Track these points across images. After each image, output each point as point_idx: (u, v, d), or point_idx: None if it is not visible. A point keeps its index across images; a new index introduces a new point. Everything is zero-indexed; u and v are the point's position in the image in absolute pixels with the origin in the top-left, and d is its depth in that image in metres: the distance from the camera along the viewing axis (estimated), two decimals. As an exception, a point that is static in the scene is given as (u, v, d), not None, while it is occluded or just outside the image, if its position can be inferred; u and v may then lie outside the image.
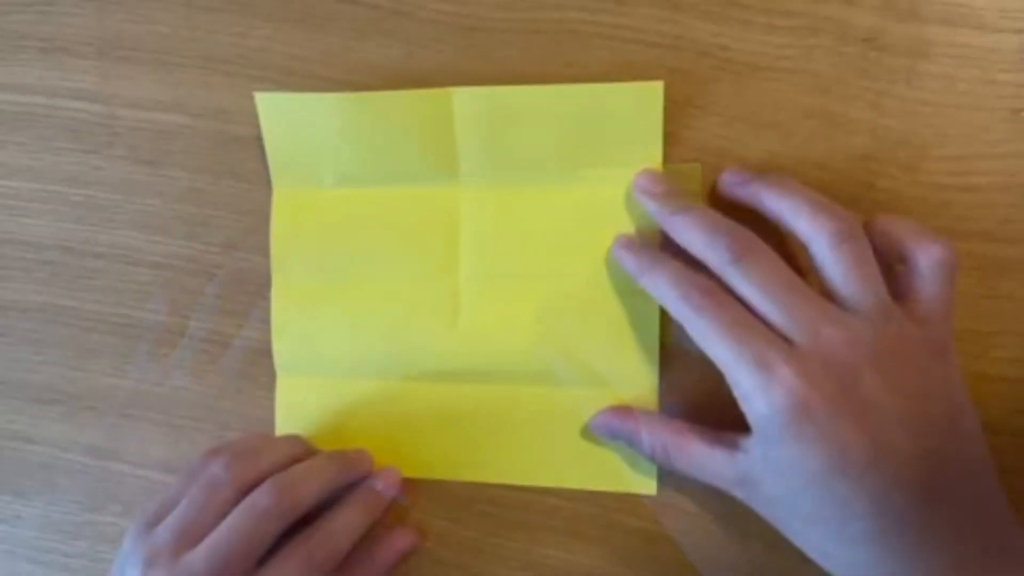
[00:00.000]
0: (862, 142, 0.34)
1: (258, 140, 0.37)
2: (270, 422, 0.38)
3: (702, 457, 0.31)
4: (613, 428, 0.34)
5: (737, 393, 0.29)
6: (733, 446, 0.30)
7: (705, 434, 0.32)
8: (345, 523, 0.33)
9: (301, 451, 0.35)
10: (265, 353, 0.38)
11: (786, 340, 0.28)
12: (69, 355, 0.39)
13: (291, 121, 0.36)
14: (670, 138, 0.34)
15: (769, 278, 0.29)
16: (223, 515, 0.31)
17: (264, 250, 0.38)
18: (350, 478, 0.35)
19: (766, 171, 0.33)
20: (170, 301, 0.38)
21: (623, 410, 0.34)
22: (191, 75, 0.38)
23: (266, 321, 0.38)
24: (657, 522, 0.35)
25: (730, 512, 0.34)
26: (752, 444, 0.29)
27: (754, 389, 0.28)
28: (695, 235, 0.31)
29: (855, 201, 0.34)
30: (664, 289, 0.31)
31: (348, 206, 0.36)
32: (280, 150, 0.36)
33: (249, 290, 0.38)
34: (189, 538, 0.30)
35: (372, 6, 0.36)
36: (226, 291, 0.38)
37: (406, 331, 0.36)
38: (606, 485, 0.35)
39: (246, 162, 0.38)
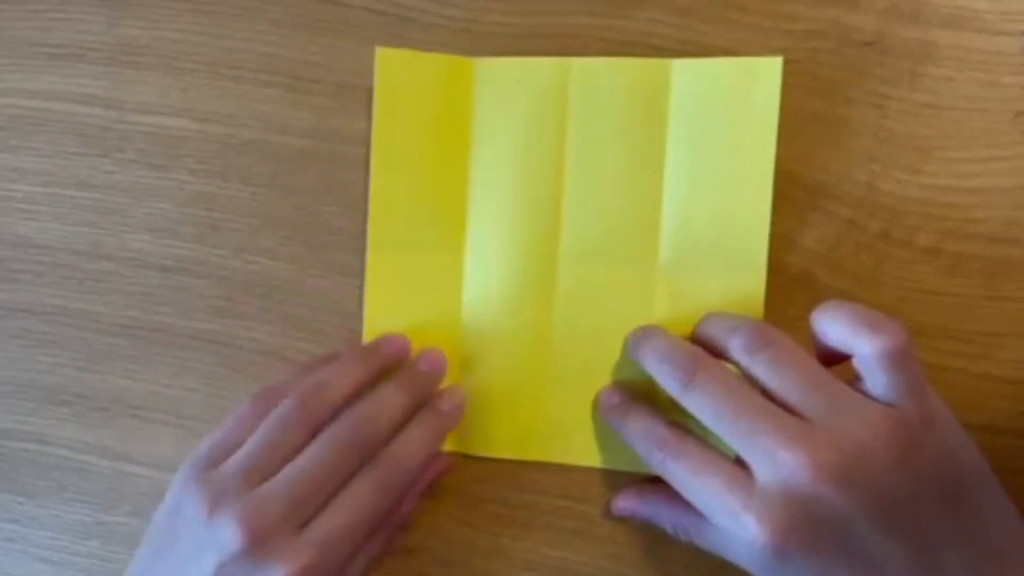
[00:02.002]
0: (865, 144, 0.34)
1: (266, 144, 0.38)
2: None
3: (722, 538, 0.30)
4: (635, 511, 0.35)
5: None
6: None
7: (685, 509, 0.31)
8: (413, 446, 0.33)
9: (364, 375, 0.34)
10: (272, 354, 0.38)
11: (747, 471, 0.28)
12: (80, 357, 0.40)
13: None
14: (674, 141, 0.34)
15: (718, 402, 0.29)
16: (293, 452, 0.31)
17: (272, 253, 0.38)
18: (420, 401, 0.34)
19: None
20: (180, 304, 0.39)
21: (643, 492, 0.35)
22: (200, 80, 0.38)
23: (274, 323, 0.38)
24: (662, 522, 0.35)
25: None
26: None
27: (728, 535, 0.28)
28: (649, 363, 0.32)
29: (859, 204, 0.34)
30: (635, 443, 0.32)
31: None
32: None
33: (258, 292, 0.38)
34: (257, 475, 0.30)
35: (379, 12, 0.37)
36: (235, 294, 0.38)
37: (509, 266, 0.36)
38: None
39: (254, 166, 0.38)
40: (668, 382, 0.31)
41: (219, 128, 0.38)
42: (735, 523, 0.27)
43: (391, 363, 0.35)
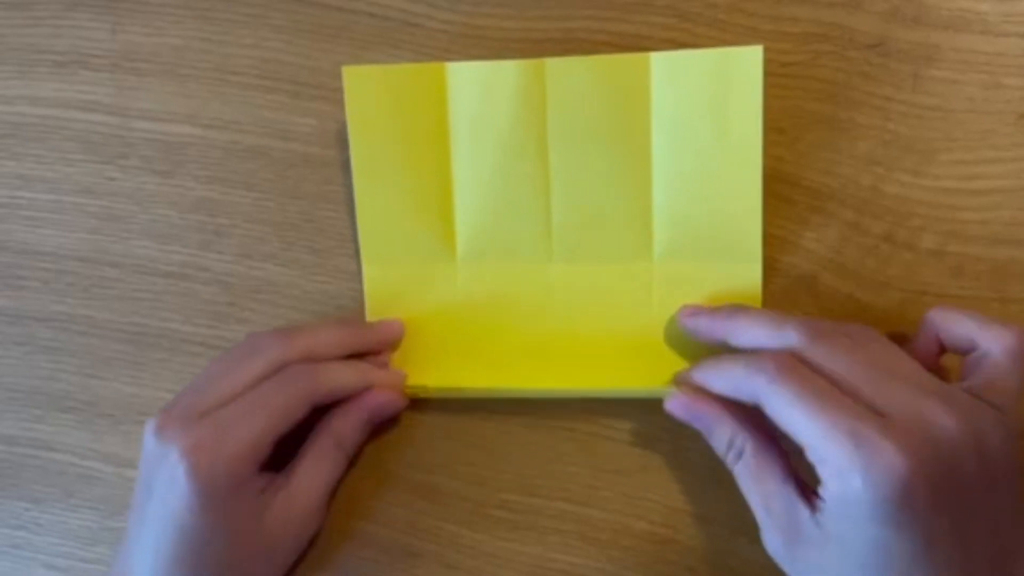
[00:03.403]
0: (869, 147, 0.34)
1: (269, 150, 0.38)
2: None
3: (767, 489, 0.29)
4: (692, 411, 0.32)
5: (823, 471, 0.26)
6: (804, 499, 0.28)
7: (781, 469, 0.29)
8: (333, 369, 0.34)
9: (343, 339, 0.35)
10: (278, 360, 0.38)
11: (879, 413, 0.26)
12: (86, 364, 0.40)
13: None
14: (677, 145, 0.34)
15: (852, 351, 0.28)
16: (250, 385, 0.32)
17: (276, 258, 0.38)
18: (360, 351, 0.35)
19: (772, 181, 0.33)
20: (184, 310, 0.39)
21: (700, 397, 0.32)
22: (203, 86, 0.38)
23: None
24: (666, 526, 0.35)
25: (739, 517, 0.35)
26: (826, 511, 0.27)
27: (848, 465, 0.25)
28: (760, 330, 0.30)
29: (863, 206, 0.34)
30: (738, 374, 0.29)
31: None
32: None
33: (262, 298, 0.38)
34: (210, 399, 0.31)
35: (382, 17, 0.37)
36: (239, 300, 0.39)
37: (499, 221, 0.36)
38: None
39: (258, 172, 0.38)
40: (791, 337, 0.28)
41: (222, 134, 0.38)
42: (863, 453, 0.25)
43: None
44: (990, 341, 0.28)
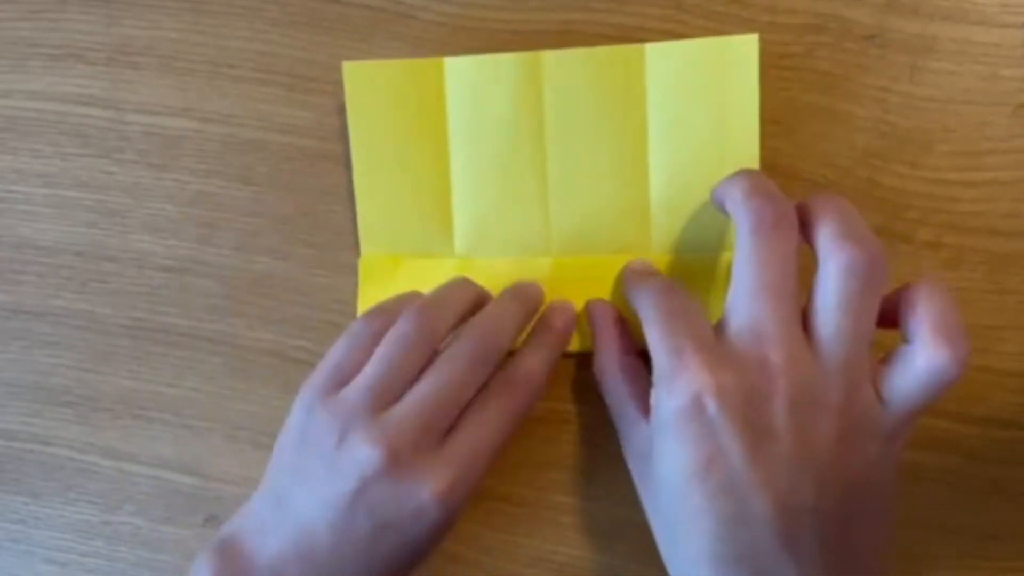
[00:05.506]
0: (866, 139, 0.34)
1: (266, 143, 0.38)
2: (280, 421, 0.38)
3: (619, 406, 0.31)
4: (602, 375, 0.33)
5: (654, 382, 0.28)
6: (644, 416, 0.30)
7: (631, 391, 0.31)
8: (538, 364, 0.32)
9: (476, 294, 0.33)
10: (275, 354, 0.38)
11: (731, 342, 0.27)
12: (83, 358, 0.40)
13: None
14: (675, 137, 0.34)
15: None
16: (416, 372, 0.30)
17: (274, 252, 0.38)
18: (534, 313, 0.34)
19: (769, 173, 0.33)
20: (182, 304, 0.39)
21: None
22: (199, 80, 0.38)
23: (277, 323, 0.38)
24: (665, 518, 0.36)
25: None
26: (651, 422, 0.28)
27: (662, 374, 0.27)
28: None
29: (860, 198, 0.34)
30: (640, 298, 0.31)
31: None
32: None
33: (260, 292, 0.38)
34: (385, 398, 0.29)
35: (378, 9, 0.37)
36: (236, 293, 0.38)
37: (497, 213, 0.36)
38: None
39: (255, 166, 0.38)
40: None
41: (219, 128, 0.38)
42: (676, 362, 0.26)
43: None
44: (921, 351, 0.26)
